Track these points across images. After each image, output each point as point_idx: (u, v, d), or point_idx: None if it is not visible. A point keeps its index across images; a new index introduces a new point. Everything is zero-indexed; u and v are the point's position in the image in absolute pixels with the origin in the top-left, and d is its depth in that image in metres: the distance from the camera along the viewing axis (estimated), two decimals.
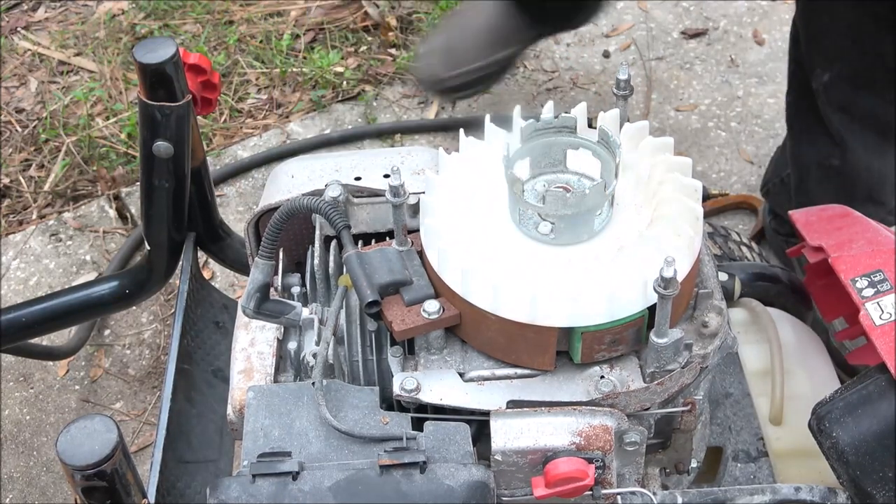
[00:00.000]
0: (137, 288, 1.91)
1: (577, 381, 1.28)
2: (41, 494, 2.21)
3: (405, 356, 1.33)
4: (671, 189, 1.29)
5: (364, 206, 1.45)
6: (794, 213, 1.62)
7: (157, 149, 1.67)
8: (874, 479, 1.34)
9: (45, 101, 2.96)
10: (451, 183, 1.33)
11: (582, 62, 2.99)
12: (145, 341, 2.46)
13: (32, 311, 1.90)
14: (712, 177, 2.71)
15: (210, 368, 1.80)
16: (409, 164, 1.49)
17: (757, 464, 1.55)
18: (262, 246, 1.35)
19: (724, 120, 2.84)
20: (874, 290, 1.40)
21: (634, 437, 1.29)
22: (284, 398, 1.28)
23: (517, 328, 1.24)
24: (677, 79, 2.94)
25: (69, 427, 1.18)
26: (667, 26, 3.08)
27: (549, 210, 1.24)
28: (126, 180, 2.76)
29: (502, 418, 1.26)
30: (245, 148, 2.83)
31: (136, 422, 2.32)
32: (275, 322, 1.37)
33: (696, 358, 1.29)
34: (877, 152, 2.11)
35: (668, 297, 1.17)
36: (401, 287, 1.30)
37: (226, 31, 3.09)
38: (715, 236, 1.98)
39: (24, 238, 2.65)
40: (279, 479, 1.19)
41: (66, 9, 3.25)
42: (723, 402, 1.61)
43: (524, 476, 1.27)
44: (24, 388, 2.38)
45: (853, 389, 1.36)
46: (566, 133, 1.32)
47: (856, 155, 2.11)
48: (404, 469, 1.19)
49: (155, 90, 1.63)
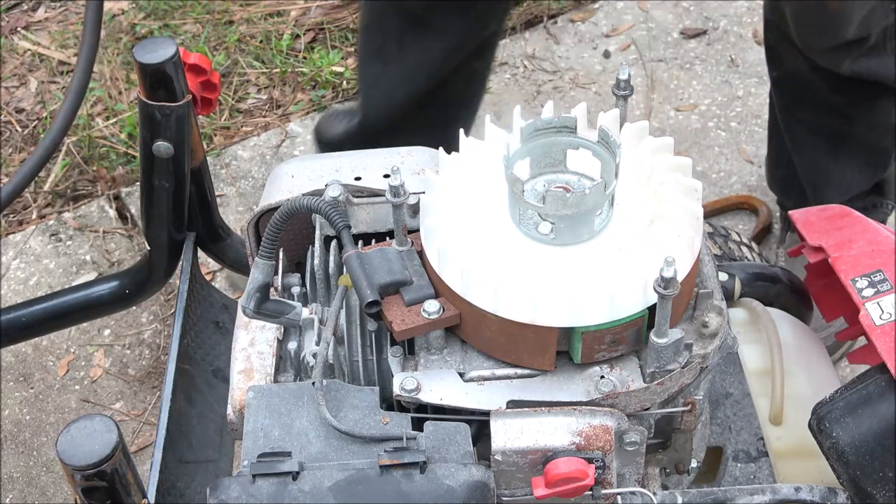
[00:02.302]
0: (137, 288, 1.91)
1: (577, 381, 1.28)
2: (41, 494, 2.21)
3: (405, 356, 1.33)
4: (671, 189, 1.29)
5: (364, 206, 1.45)
6: (793, 213, 1.62)
7: (157, 149, 1.67)
8: (874, 479, 1.34)
9: (45, 101, 2.96)
10: (451, 183, 1.33)
11: (582, 62, 2.99)
12: (145, 341, 2.46)
13: (32, 311, 1.90)
14: (712, 177, 2.71)
15: (210, 368, 1.80)
16: (409, 164, 1.49)
17: (757, 464, 1.55)
18: (262, 246, 1.35)
19: (724, 120, 2.84)
20: (874, 290, 1.40)
21: (634, 437, 1.29)
22: (284, 398, 1.28)
23: (517, 328, 1.24)
24: (677, 79, 2.94)
25: (69, 427, 1.18)
26: (667, 26, 3.08)
27: (549, 210, 1.24)
28: (126, 180, 2.76)
29: (502, 418, 1.26)
30: (245, 148, 2.83)
31: (136, 422, 2.32)
32: (275, 322, 1.37)
33: (696, 358, 1.29)
34: None
35: (668, 297, 1.17)
36: (401, 287, 1.30)
37: (226, 31, 3.09)
38: (715, 236, 1.98)
39: (24, 238, 2.65)
40: (279, 479, 1.19)
41: (66, 9, 3.25)
42: (723, 402, 1.61)
43: (524, 476, 1.27)
44: (24, 388, 2.38)
45: (853, 389, 1.36)
46: (566, 133, 1.32)
47: None
48: (404, 469, 1.19)
49: (155, 90, 1.63)
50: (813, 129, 2.19)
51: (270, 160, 2.79)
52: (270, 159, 2.80)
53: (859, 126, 2.15)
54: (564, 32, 3.07)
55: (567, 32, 3.06)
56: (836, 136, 2.18)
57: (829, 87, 2.10)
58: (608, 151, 1.28)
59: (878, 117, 2.14)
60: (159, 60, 1.59)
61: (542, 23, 3.10)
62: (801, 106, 2.19)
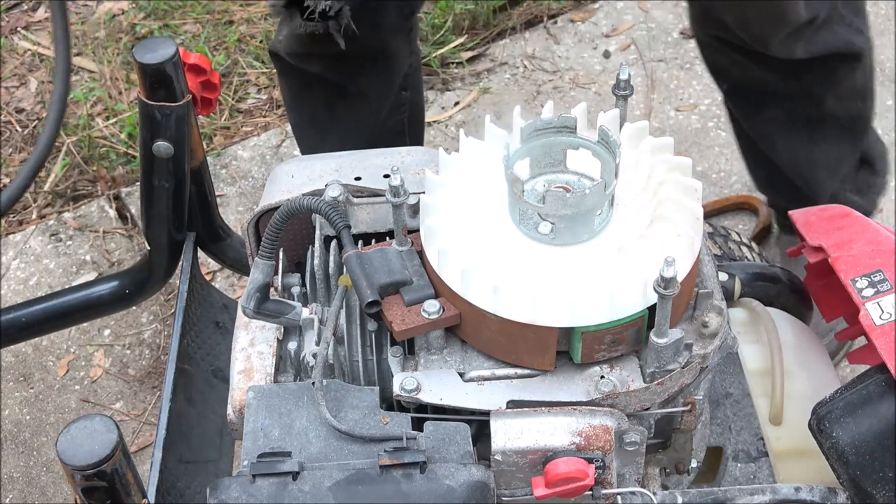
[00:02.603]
0: (137, 288, 1.91)
1: (577, 381, 1.28)
2: (41, 494, 2.21)
3: (405, 356, 1.33)
4: (671, 189, 1.29)
5: (364, 206, 1.45)
6: (793, 213, 1.62)
7: (157, 149, 1.67)
8: (874, 479, 1.34)
9: (45, 101, 2.95)
10: (451, 183, 1.33)
11: (582, 62, 2.99)
12: (145, 341, 2.46)
13: (32, 311, 1.90)
14: (712, 177, 2.71)
15: (210, 368, 1.80)
16: (409, 164, 1.49)
17: (757, 464, 1.55)
18: (262, 246, 1.35)
19: (724, 120, 2.84)
20: (874, 290, 1.40)
21: (634, 437, 1.29)
22: (284, 398, 1.28)
23: (517, 328, 1.24)
24: (677, 79, 2.94)
25: (69, 427, 1.18)
26: (667, 26, 3.08)
27: (549, 210, 1.24)
28: (126, 180, 2.76)
29: (502, 418, 1.26)
30: (245, 148, 2.83)
31: (136, 422, 2.32)
32: (275, 322, 1.37)
33: (696, 358, 1.29)
34: None
35: (668, 297, 1.17)
36: (401, 287, 1.30)
37: (226, 31, 3.09)
38: (715, 236, 1.98)
39: (24, 238, 2.65)
40: (279, 479, 1.19)
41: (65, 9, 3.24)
42: (723, 402, 1.61)
43: (524, 476, 1.27)
44: (24, 388, 2.38)
45: (853, 389, 1.36)
46: (566, 133, 1.32)
47: None
48: (404, 469, 1.19)
49: (155, 90, 1.62)
50: (786, 123, 2.17)
51: (270, 160, 2.79)
52: (270, 159, 2.80)
53: (830, 101, 2.13)
54: (564, 32, 3.07)
55: (567, 32, 3.06)
56: (812, 119, 2.15)
57: (785, 76, 2.07)
58: (608, 151, 1.28)
59: (844, 85, 2.12)
60: (159, 60, 1.59)
61: (542, 23, 3.10)
62: (766, 107, 2.17)
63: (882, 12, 3.08)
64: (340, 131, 2.17)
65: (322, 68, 2.03)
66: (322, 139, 2.17)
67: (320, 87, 2.10)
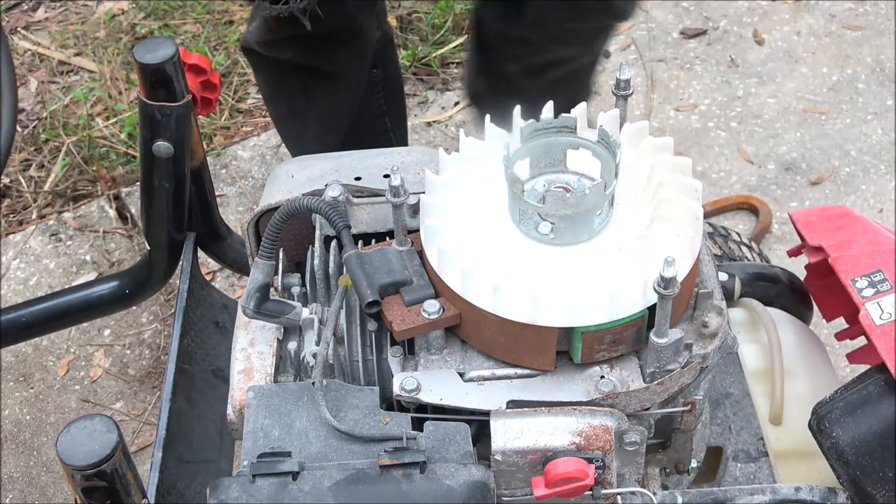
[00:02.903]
0: (137, 288, 1.91)
1: (577, 381, 1.28)
2: (41, 494, 2.21)
3: (405, 356, 1.33)
4: (671, 189, 1.29)
5: (364, 206, 1.45)
6: (794, 214, 1.62)
7: (157, 149, 1.67)
8: (874, 479, 1.34)
9: (45, 101, 2.96)
10: (451, 183, 1.33)
11: None
12: (145, 341, 2.46)
13: (32, 311, 1.90)
14: (712, 177, 2.71)
15: (210, 368, 1.80)
16: (409, 164, 1.49)
17: (757, 464, 1.55)
18: (262, 246, 1.35)
19: (724, 120, 2.84)
20: (874, 290, 1.40)
21: (634, 437, 1.29)
22: (284, 398, 1.28)
23: (517, 328, 1.24)
24: (677, 79, 2.94)
25: (69, 427, 1.18)
26: (667, 26, 3.08)
27: (549, 210, 1.24)
28: (126, 180, 2.76)
29: (502, 418, 1.26)
30: (245, 148, 2.83)
31: (136, 422, 2.32)
32: (275, 322, 1.37)
33: (696, 358, 1.29)
34: None
35: (668, 297, 1.17)
36: (401, 287, 1.30)
37: (226, 31, 3.09)
38: (715, 236, 1.98)
39: (24, 238, 2.65)
40: (279, 479, 1.19)
41: (66, 9, 3.25)
42: (723, 402, 1.61)
43: (524, 476, 1.27)
44: (24, 388, 2.39)
45: (853, 389, 1.36)
46: (566, 133, 1.32)
47: None
48: (404, 469, 1.19)
49: (155, 90, 1.62)
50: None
51: (270, 160, 2.80)
52: (270, 159, 2.80)
53: None
54: None
55: None
56: None
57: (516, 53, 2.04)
58: (608, 151, 1.28)
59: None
60: (159, 60, 1.59)
61: None
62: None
63: (882, 12, 3.08)
64: (321, 117, 2.18)
65: (293, 53, 2.05)
66: (304, 127, 2.18)
67: (295, 75, 2.12)
